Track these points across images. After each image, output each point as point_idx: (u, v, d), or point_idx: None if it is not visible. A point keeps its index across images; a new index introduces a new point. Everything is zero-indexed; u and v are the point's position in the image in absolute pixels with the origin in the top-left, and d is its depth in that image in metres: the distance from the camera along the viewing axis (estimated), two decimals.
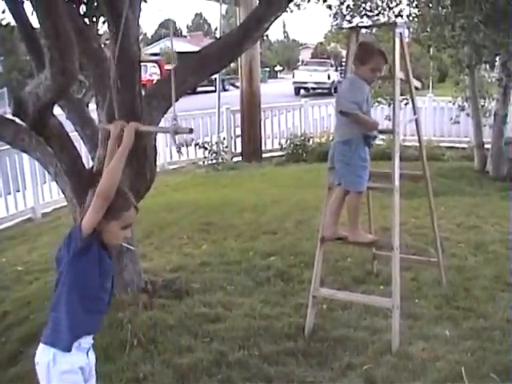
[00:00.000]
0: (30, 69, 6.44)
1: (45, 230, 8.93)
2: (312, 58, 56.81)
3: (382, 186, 5.62)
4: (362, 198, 5.32)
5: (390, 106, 10.70)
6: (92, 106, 6.05)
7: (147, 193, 5.65)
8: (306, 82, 37.03)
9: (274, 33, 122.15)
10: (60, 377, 2.95)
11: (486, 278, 6.10)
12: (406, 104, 9.06)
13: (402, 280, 5.12)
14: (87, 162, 6.61)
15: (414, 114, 5.82)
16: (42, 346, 3.02)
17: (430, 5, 10.28)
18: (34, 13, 4.38)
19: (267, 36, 74.76)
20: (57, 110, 5.30)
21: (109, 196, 2.95)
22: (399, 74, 5.19)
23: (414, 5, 11.52)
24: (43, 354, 2.99)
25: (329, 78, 36.33)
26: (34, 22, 4.77)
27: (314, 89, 36.37)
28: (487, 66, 12.61)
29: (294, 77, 40.02)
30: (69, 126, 5.69)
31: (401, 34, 5.25)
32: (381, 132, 5.65)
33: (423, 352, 4.60)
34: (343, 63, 5.47)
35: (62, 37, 4.24)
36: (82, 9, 6.08)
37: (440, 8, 9.77)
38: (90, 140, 5.94)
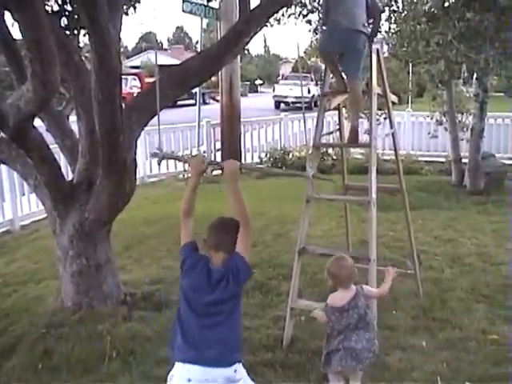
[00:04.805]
0: (9, 80, 6.45)
1: (23, 242, 8.88)
2: (292, 72, 56.94)
3: (358, 199, 5.69)
4: None
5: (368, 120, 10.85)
6: (72, 119, 6.07)
7: (126, 206, 5.68)
8: (286, 96, 37.14)
9: (255, 47, 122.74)
10: None
11: (462, 289, 6.19)
12: (384, 118, 9.17)
13: None
14: (67, 174, 6.62)
15: (391, 128, 5.91)
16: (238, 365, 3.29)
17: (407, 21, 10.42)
18: (15, 24, 4.42)
19: (248, 50, 75.01)
20: (37, 122, 5.32)
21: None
22: (376, 89, 5.28)
23: (392, 21, 11.68)
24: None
25: (309, 92, 36.48)
26: (15, 33, 4.80)
27: (294, 103, 36.45)
28: (463, 81, 12.76)
29: (274, 91, 40.15)
30: (49, 138, 5.71)
31: (377, 49, 5.35)
32: (359, 146, 5.77)
33: (400, 362, 4.67)
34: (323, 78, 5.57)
35: (44, 50, 4.28)
36: (63, 21, 6.12)
37: (417, 25, 9.92)
38: (70, 152, 5.96)
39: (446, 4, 9.40)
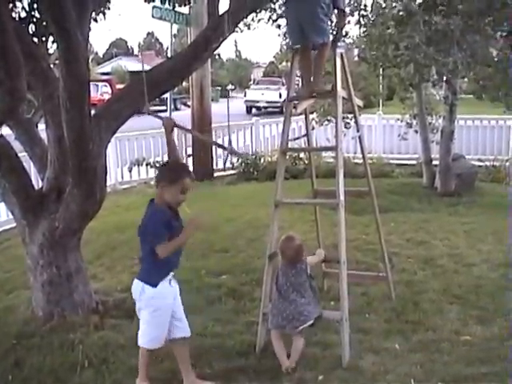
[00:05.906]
0: None
1: None
2: (264, 76, 57.05)
3: (327, 201, 5.69)
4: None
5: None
6: (41, 126, 6.00)
7: (97, 213, 5.63)
8: (257, 101, 37.17)
9: (227, 51, 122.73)
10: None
11: (435, 291, 6.22)
12: (355, 122, 9.20)
13: (352, 295, 5.19)
14: (36, 182, 6.55)
15: (358, 131, 5.96)
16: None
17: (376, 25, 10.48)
18: None
19: (219, 55, 74.97)
20: (5, 130, 5.25)
21: None
22: (341, 93, 5.27)
23: (361, 24, 11.73)
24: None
25: (280, 96, 36.52)
26: None
27: (265, 107, 36.52)
28: (433, 84, 12.88)
29: (245, 96, 40.17)
30: (17, 147, 5.65)
31: (341, 53, 5.36)
32: (325, 149, 5.78)
33: (373, 365, 4.67)
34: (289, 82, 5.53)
35: (9, 57, 4.24)
36: (31, 28, 6.06)
37: (386, 29, 9.98)
38: (40, 160, 5.90)
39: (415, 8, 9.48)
